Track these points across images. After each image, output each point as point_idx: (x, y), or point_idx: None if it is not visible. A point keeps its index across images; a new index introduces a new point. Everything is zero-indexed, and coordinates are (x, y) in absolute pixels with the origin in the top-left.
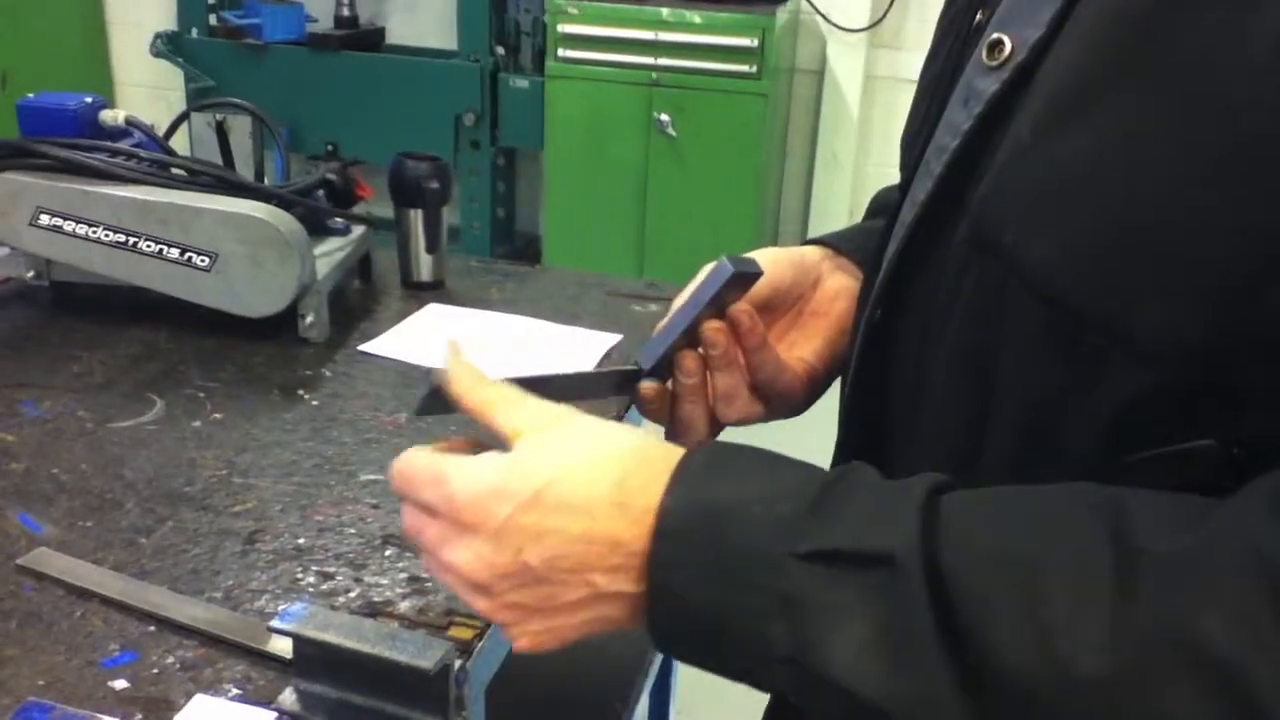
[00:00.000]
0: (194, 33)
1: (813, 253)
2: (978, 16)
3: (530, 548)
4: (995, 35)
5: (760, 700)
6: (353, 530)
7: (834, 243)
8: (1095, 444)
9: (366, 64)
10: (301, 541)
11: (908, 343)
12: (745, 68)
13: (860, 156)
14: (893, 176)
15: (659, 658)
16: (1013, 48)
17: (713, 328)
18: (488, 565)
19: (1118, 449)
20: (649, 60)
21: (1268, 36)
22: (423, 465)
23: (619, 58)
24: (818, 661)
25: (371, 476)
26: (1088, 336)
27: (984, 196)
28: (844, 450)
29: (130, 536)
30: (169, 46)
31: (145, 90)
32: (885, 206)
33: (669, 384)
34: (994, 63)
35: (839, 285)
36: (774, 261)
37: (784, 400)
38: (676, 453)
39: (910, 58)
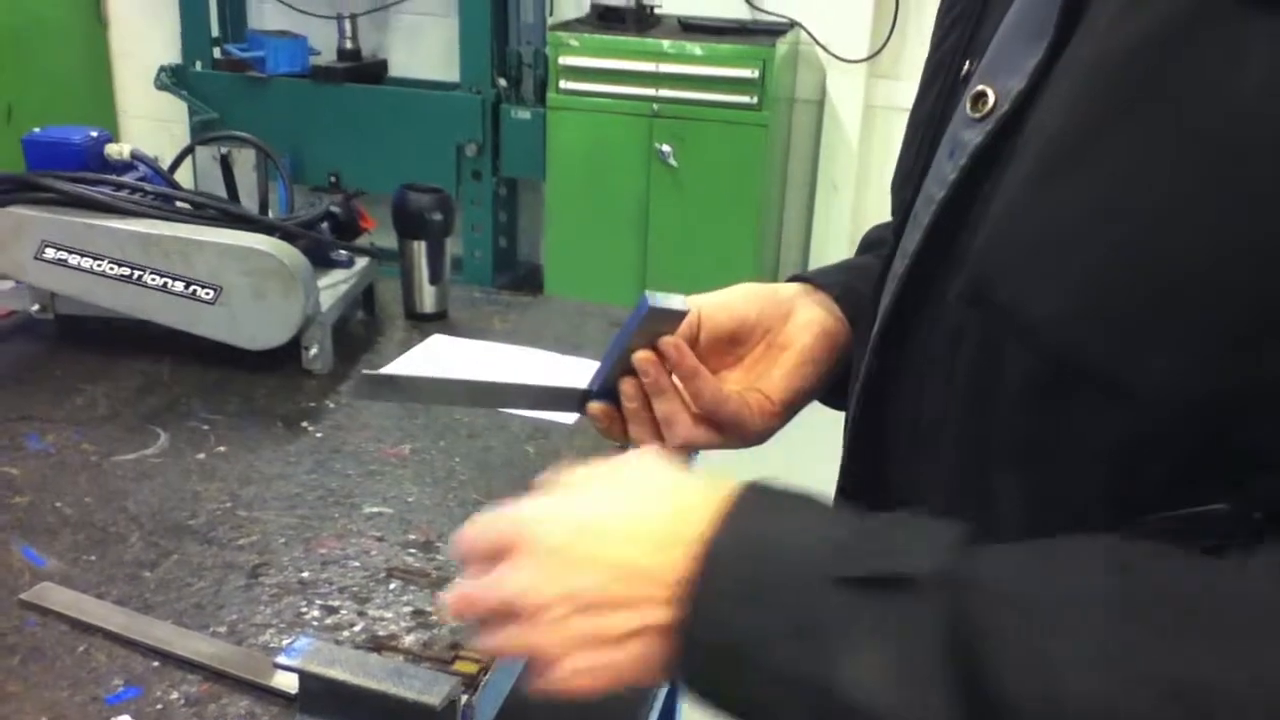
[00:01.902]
0: (198, 65)
1: (788, 288)
2: (965, 65)
3: (584, 571)
4: (979, 87)
5: None
6: (356, 563)
7: (812, 278)
8: (1101, 503)
9: (369, 96)
10: (305, 575)
11: (906, 395)
12: (746, 98)
13: (860, 185)
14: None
15: (663, 691)
16: (995, 100)
17: (641, 357)
18: (542, 587)
19: (1126, 509)
20: (650, 91)
21: (1255, 81)
22: (487, 522)
23: (620, 89)
24: (837, 687)
25: (375, 509)
26: (1088, 392)
27: (978, 251)
28: (844, 493)
29: (134, 570)
30: (173, 79)
31: (149, 122)
32: (874, 244)
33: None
34: (978, 115)
35: (810, 318)
36: (743, 297)
37: (735, 429)
38: (722, 488)
39: (909, 87)
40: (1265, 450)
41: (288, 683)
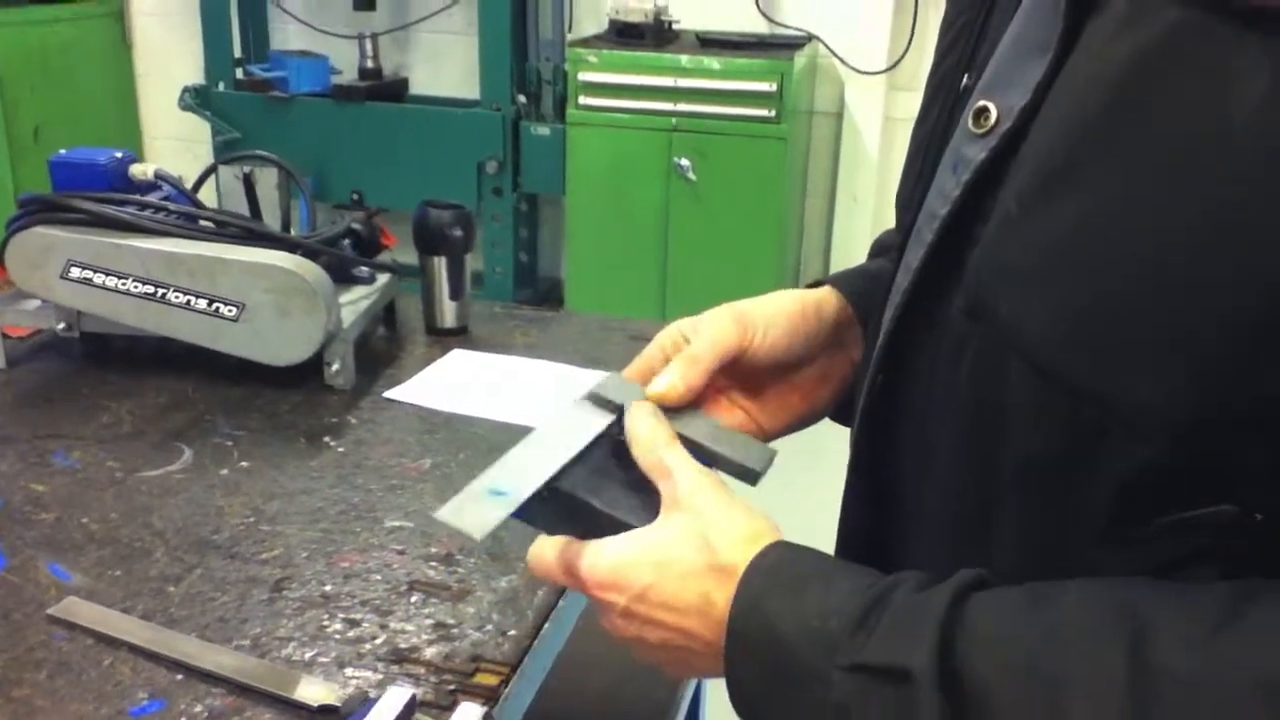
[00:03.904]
0: (221, 86)
1: (828, 306)
2: (965, 79)
3: (646, 630)
4: (981, 103)
5: None
6: (378, 576)
7: (853, 300)
8: (1104, 513)
9: (390, 114)
10: (328, 588)
11: (911, 409)
12: (764, 112)
13: (880, 197)
14: None
15: (688, 698)
16: (998, 115)
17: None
18: (620, 634)
19: (1128, 518)
20: (669, 106)
21: (1245, 108)
22: (550, 559)
23: (639, 104)
24: None
25: (396, 522)
26: (1083, 409)
27: (978, 267)
28: (849, 509)
29: (159, 585)
30: (196, 100)
31: (174, 143)
32: (887, 249)
33: None
34: (980, 130)
35: (834, 368)
36: (792, 327)
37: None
38: (758, 548)
39: None
40: (1262, 466)
41: (311, 695)
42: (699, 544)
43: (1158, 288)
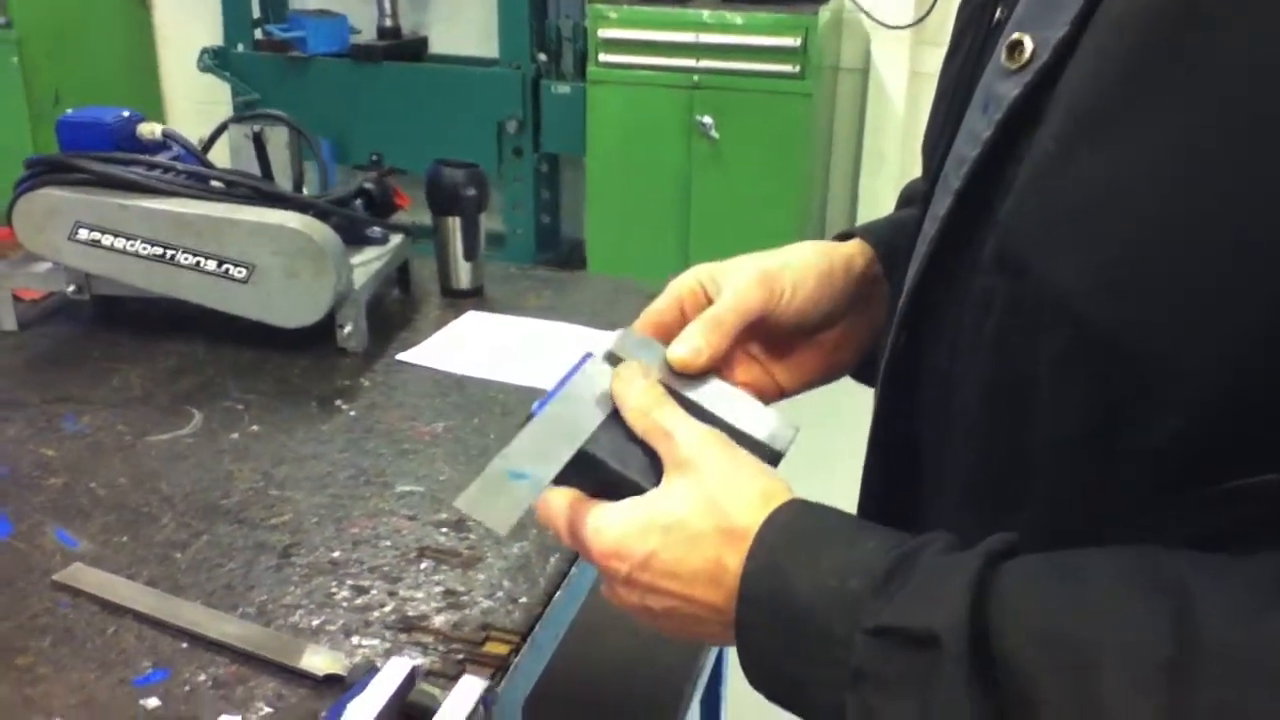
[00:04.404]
0: (240, 47)
1: (856, 261)
2: (997, 13)
3: (650, 598)
4: (1015, 35)
5: None
6: (388, 543)
7: (881, 253)
8: (1140, 482)
9: (409, 74)
10: (336, 555)
11: (935, 369)
12: (788, 68)
13: (906, 155)
14: None
15: (709, 667)
16: (1034, 48)
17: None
18: (622, 601)
19: (1167, 487)
20: (690, 63)
21: None
22: (557, 514)
23: (660, 61)
24: None
25: (407, 488)
26: (1122, 369)
27: (1009, 215)
28: (871, 474)
29: (165, 551)
30: (215, 61)
31: (194, 105)
32: (913, 198)
33: None
34: (1014, 65)
35: (859, 327)
36: (819, 286)
37: None
38: (771, 508)
39: None
40: None
41: (316, 664)
42: (706, 507)
43: (1207, 236)
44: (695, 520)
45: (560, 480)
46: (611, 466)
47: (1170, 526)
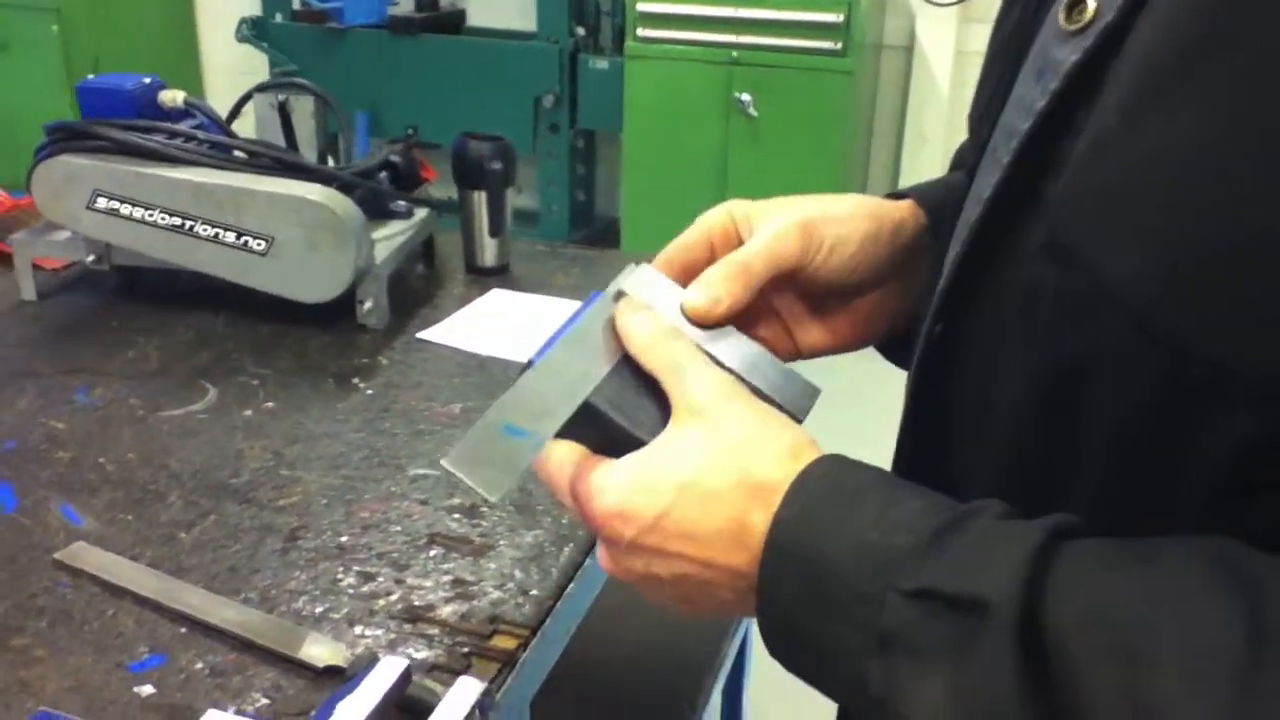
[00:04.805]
0: (278, 18)
1: (905, 224)
2: None
3: (657, 564)
4: None
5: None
6: (398, 528)
7: (932, 220)
8: (1205, 483)
9: (447, 46)
10: (344, 539)
11: (973, 362)
12: (829, 44)
13: (950, 136)
14: None
15: (731, 656)
16: (1097, 7)
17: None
18: (624, 570)
19: (1233, 487)
20: (729, 38)
21: None
22: (556, 470)
23: (698, 36)
24: (904, 709)
25: (421, 471)
26: (1188, 367)
27: (1062, 195)
28: (899, 465)
29: (170, 530)
30: (253, 31)
31: (232, 75)
32: (966, 159)
33: None
34: (1074, 26)
35: (894, 298)
36: (857, 256)
37: None
38: (802, 464)
39: None
40: None
41: (316, 654)
42: (726, 459)
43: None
44: (713, 475)
45: (561, 434)
46: (617, 422)
47: (1235, 529)
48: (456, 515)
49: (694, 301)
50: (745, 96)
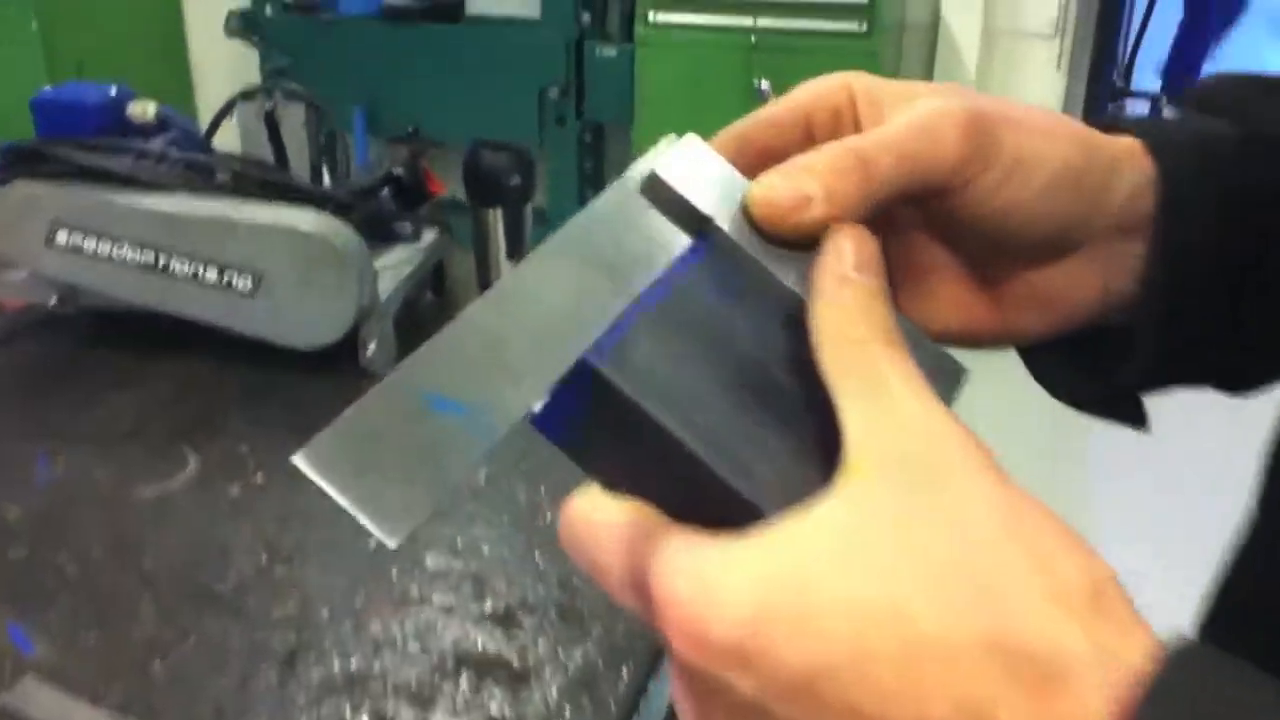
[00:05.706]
0: (268, 10)
1: (1125, 195)
2: None
3: None
4: None
5: None
6: (417, 645)
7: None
8: None
9: (446, 36)
10: (354, 665)
11: None
12: (853, 25)
13: None
14: None
15: None
16: None
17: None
18: None
19: None
20: (747, 21)
21: None
22: (608, 540)
23: (715, 19)
24: None
25: (441, 561)
26: None
27: None
28: (1244, 567)
29: (142, 658)
30: (243, 24)
31: (223, 72)
32: (1224, 101)
33: None
34: None
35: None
36: (1047, 194)
37: None
38: (1117, 629)
39: (1034, 8)
40: None
41: None
42: (971, 587)
43: None
44: (942, 613)
45: (593, 465)
46: (709, 467)
47: None
48: (488, 625)
49: (765, 193)
50: (765, 84)
